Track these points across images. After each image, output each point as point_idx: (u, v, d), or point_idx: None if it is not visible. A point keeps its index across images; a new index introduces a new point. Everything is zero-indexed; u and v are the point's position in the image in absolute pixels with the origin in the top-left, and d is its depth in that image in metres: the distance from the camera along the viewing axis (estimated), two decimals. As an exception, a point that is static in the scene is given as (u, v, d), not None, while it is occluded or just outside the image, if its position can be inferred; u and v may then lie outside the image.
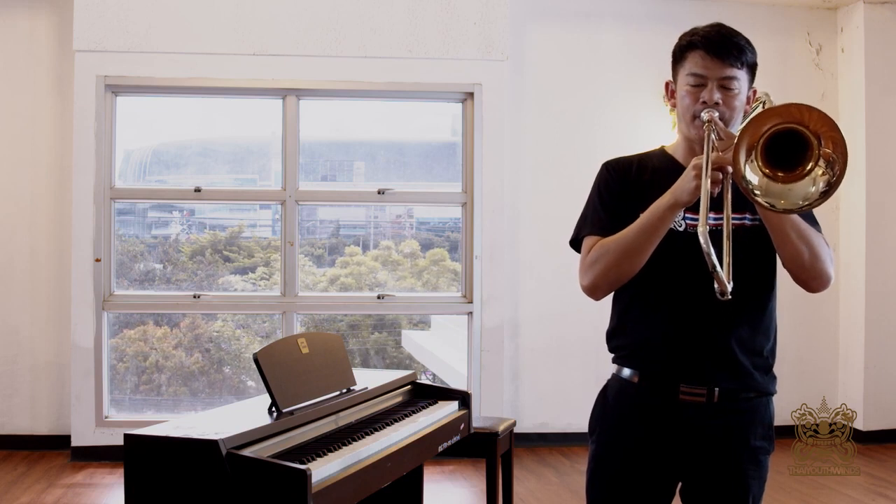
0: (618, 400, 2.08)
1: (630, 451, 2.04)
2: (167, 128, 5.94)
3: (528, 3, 5.78)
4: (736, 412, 1.99)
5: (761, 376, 2.03)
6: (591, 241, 2.05)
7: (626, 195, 2.05)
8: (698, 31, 2.03)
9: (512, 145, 5.70)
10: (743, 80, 1.99)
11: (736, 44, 1.98)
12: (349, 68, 5.50)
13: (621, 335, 2.10)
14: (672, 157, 2.10)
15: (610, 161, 2.14)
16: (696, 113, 1.98)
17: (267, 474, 2.10)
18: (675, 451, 2.00)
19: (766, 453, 2.04)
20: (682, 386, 1.98)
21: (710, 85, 1.97)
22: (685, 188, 1.86)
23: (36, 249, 5.52)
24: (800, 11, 6.05)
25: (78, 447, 5.31)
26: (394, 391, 3.11)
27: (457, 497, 4.82)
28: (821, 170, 1.72)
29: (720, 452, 1.99)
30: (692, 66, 1.99)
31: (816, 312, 6.06)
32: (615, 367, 2.12)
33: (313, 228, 6.04)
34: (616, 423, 2.08)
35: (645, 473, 2.03)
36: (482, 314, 5.59)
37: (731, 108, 1.97)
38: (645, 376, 2.03)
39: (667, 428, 1.99)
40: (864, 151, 5.86)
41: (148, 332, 5.76)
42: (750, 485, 2.00)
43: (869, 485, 4.87)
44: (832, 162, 1.70)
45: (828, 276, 1.97)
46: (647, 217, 1.93)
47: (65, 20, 5.43)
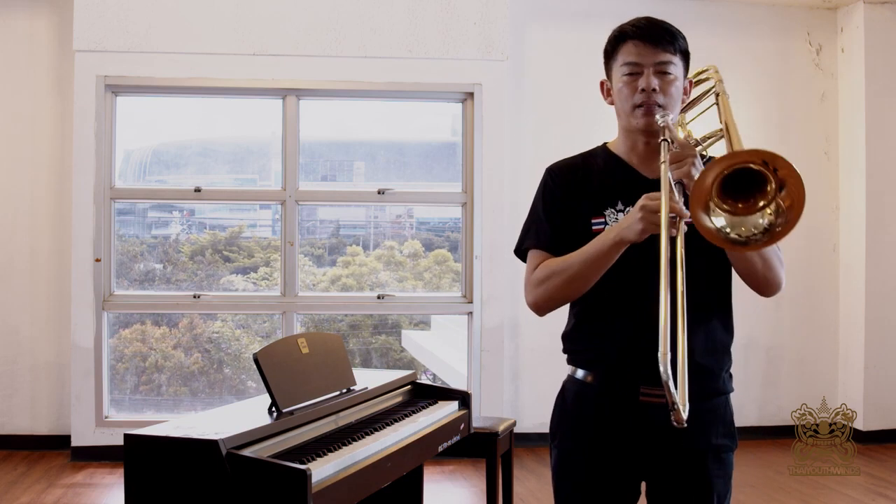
0: (576, 402, 2.06)
1: (592, 453, 2.01)
2: (167, 128, 5.94)
3: (528, 3, 5.78)
4: (696, 412, 1.95)
5: (720, 376, 2.02)
6: (535, 257, 2.03)
7: (572, 199, 2.03)
8: (627, 24, 2.00)
9: (512, 145, 5.70)
10: (678, 67, 1.97)
11: (667, 29, 1.97)
12: (349, 68, 5.50)
13: (578, 339, 2.07)
14: (615, 153, 2.07)
15: (553, 165, 2.12)
16: (636, 102, 1.95)
17: (267, 474, 2.10)
18: (637, 452, 1.99)
19: (729, 451, 2.03)
20: (641, 387, 1.96)
21: (647, 72, 1.94)
22: (632, 228, 1.82)
23: (36, 249, 5.52)
24: (800, 11, 6.04)
25: (78, 447, 5.31)
26: (394, 391, 3.11)
27: (457, 497, 4.82)
28: (770, 212, 1.65)
29: (682, 452, 1.98)
30: (626, 56, 1.97)
31: (816, 312, 6.06)
32: (570, 369, 2.09)
33: (313, 228, 6.04)
34: (575, 426, 2.05)
35: (608, 475, 2.01)
36: (482, 314, 5.59)
37: (669, 94, 1.95)
38: (602, 378, 2.01)
39: (627, 429, 1.98)
40: (864, 151, 5.86)
41: (147, 332, 5.76)
42: (714, 483, 1.99)
43: (869, 485, 4.87)
44: (781, 211, 1.63)
45: (779, 284, 1.99)
46: (592, 250, 1.91)
47: (65, 20, 5.43)
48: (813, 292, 6.05)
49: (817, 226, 6.07)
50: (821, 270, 6.07)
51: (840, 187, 6.09)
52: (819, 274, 6.07)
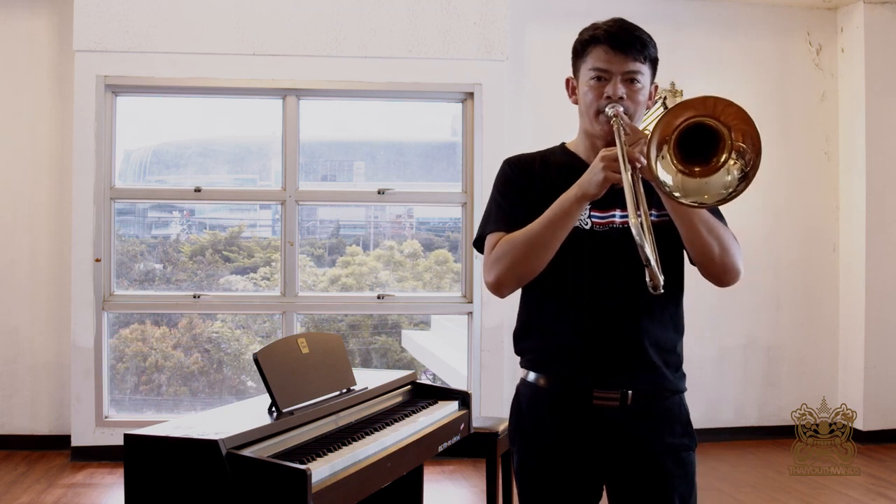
0: (531, 407, 2.04)
1: (550, 457, 2.00)
2: (167, 128, 5.94)
3: (528, 3, 5.78)
4: (651, 413, 1.96)
5: (672, 374, 2.00)
6: (495, 237, 1.99)
7: (530, 192, 2.02)
8: (600, 26, 1.99)
9: (512, 145, 5.69)
10: (646, 75, 1.97)
11: (639, 38, 1.96)
12: (349, 68, 5.50)
13: (528, 337, 2.05)
14: (574, 153, 2.07)
15: (511, 158, 2.12)
16: (599, 108, 1.95)
17: (267, 474, 2.10)
18: (595, 455, 1.97)
19: (688, 450, 2.01)
20: (595, 391, 1.94)
21: (614, 79, 1.94)
22: (593, 181, 1.83)
23: (36, 249, 5.52)
24: (800, 11, 6.04)
25: (78, 447, 5.31)
26: (394, 391, 3.11)
27: (457, 497, 4.82)
28: (733, 161, 1.72)
29: (640, 454, 1.96)
30: (595, 61, 1.96)
31: (816, 312, 6.06)
32: (522, 372, 2.07)
33: (313, 228, 6.04)
34: (531, 430, 2.04)
35: (568, 478, 1.99)
36: (482, 314, 5.59)
37: (636, 102, 1.95)
38: (555, 381, 1.99)
39: (583, 432, 1.96)
40: (864, 151, 5.86)
41: (147, 332, 5.76)
42: (674, 484, 1.97)
43: (869, 485, 4.87)
44: (742, 152, 1.71)
45: (737, 271, 1.95)
46: (554, 211, 1.89)
47: (65, 20, 5.43)
48: (813, 292, 6.05)
49: (817, 226, 6.07)
50: (821, 270, 6.07)
51: (840, 187, 6.09)
52: (819, 274, 6.07)
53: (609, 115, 1.91)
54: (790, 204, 6.03)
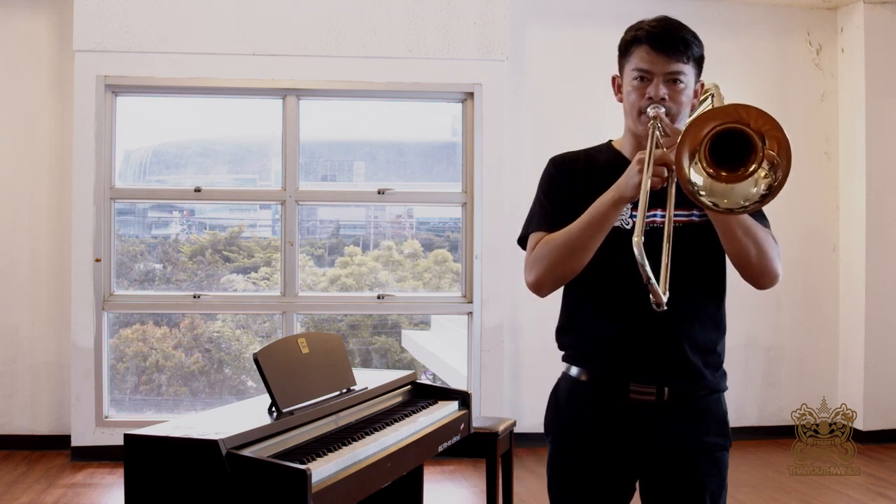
0: (569, 400, 2.07)
1: (584, 451, 2.02)
2: (167, 128, 5.94)
3: (528, 3, 5.78)
4: (687, 410, 1.97)
5: (712, 374, 2.01)
6: (536, 237, 2.01)
7: (574, 190, 2.02)
8: (643, 26, 1.97)
9: (512, 145, 5.70)
10: (690, 75, 1.96)
11: (682, 38, 1.94)
12: (349, 68, 5.50)
13: (569, 333, 2.07)
14: (619, 151, 2.07)
15: (556, 156, 2.12)
16: (642, 108, 1.94)
17: (267, 474, 2.10)
18: (630, 450, 1.98)
19: (722, 449, 2.02)
20: (631, 384, 1.96)
21: (656, 80, 1.93)
22: (629, 183, 1.83)
23: (36, 249, 5.52)
24: (800, 11, 6.04)
25: (78, 447, 5.31)
26: (394, 391, 3.11)
27: (457, 497, 4.82)
28: (763, 172, 1.70)
29: (674, 450, 1.97)
30: (637, 62, 1.95)
31: (816, 312, 6.06)
32: (564, 366, 2.10)
33: (313, 228, 6.04)
34: (568, 424, 2.06)
35: (602, 472, 2.01)
36: (482, 314, 5.59)
37: (678, 102, 1.95)
38: (594, 375, 2.01)
39: (618, 427, 1.98)
40: (864, 151, 5.86)
41: (147, 332, 5.76)
42: (706, 482, 1.98)
43: (869, 485, 4.87)
44: (775, 165, 1.69)
45: (775, 274, 1.95)
46: (592, 213, 1.90)
47: (65, 20, 5.43)
48: (813, 292, 6.05)
49: (817, 226, 6.07)
50: (821, 270, 6.07)
51: (840, 187, 6.09)
52: (819, 274, 6.07)
53: (650, 115, 1.91)
54: (790, 204, 6.02)
